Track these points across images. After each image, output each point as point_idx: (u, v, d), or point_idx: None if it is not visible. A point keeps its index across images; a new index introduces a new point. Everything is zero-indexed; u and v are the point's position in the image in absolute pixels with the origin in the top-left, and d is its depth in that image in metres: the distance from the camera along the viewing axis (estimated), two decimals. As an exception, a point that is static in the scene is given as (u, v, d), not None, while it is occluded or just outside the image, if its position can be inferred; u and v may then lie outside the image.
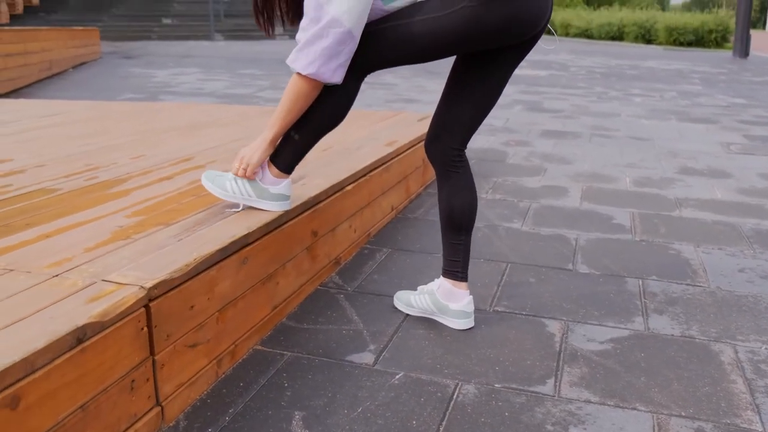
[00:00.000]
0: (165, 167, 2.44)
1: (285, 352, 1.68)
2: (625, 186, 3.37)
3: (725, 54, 14.67)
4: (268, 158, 1.78)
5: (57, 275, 1.37)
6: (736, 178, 3.57)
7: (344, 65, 1.60)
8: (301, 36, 1.59)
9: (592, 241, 2.53)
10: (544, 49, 15.42)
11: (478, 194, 3.17)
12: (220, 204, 1.89)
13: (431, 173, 3.37)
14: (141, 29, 16.52)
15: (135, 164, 2.49)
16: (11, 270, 1.40)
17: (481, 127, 4.89)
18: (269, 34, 1.79)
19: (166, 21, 17.35)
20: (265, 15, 1.75)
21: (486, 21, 1.54)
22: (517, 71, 9.74)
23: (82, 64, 9.57)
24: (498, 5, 1.53)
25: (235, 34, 16.67)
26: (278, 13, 1.75)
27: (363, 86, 7.62)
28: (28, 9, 17.25)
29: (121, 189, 2.11)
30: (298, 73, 1.61)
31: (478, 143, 4.35)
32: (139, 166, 2.47)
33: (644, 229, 2.68)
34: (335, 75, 1.59)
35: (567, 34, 23.05)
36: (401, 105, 6.11)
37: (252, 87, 7.38)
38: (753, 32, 21.05)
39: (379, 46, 1.63)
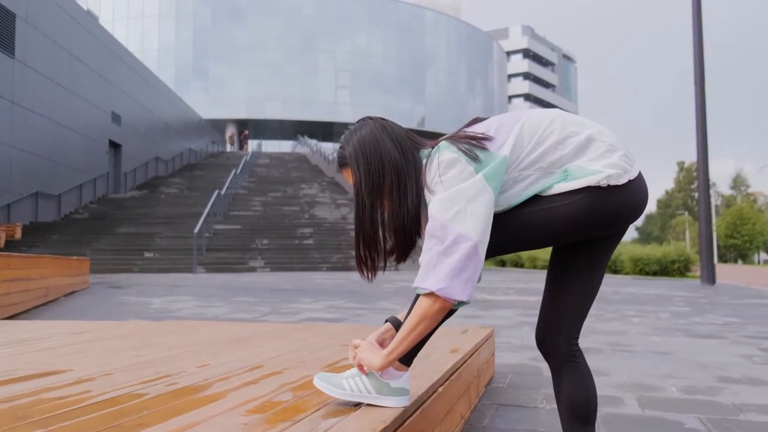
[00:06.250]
0: (241, 374, 2.37)
1: None
2: (674, 394, 3.34)
3: (693, 282, 15.36)
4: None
5: (217, 467, 1.27)
6: (778, 386, 3.58)
7: (472, 281, 1.60)
8: (425, 257, 1.62)
9: (677, 446, 2.45)
10: (525, 278, 15.96)
11: (534, 406, 3.11)
12: (335, 401, 1.82)
13: (483, 383, 3.31)
14: (123, 262, 16.76)
15: (207, 371, 2.42)
16: (162, 463, 1.30)
17: (502, 345, 4.90)
18: (371, 280, 1.81)
19: (149, 255, 17.70)
20: (369, 263, 1.79)
21: (599, 210, 1.65)
22: (508, 297, 9.99)
23: (72, 292, 9.54)
24: (610, 196, 1.64)
25: (216, 267, 16.98)
26: (383, 259, 1.79)
27: (363, 311, 7.69)
28: (10, 243, 17.54)
29: (212, 393, 2.03)
30: (427, 294, 1.61)
31: (506, 359, 4.33)
32: (213, 372, 2.39)
33: (722, 434, 2.62)
34: (465, 291, 1.59)
35: (535, 267, 24.03)
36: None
37: (253, 312, 7.38)
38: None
39: (493, 234, 1.69)
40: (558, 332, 1.79)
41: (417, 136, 1.82)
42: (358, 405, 1.77)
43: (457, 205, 1.60)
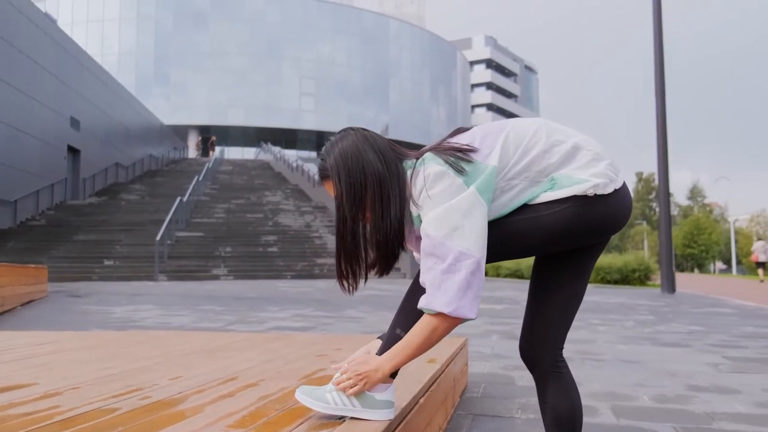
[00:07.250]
0: (215, 386, 2.30)
1: None
2: (647, 403, 3.36)
3: (654, 290, 15.62)
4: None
5: (203, 486, 1.22)
6: (746, 393, 3.63)
7: (478, 296, 1.59)
8: (428, 277, 1.59)
9: (655, 456, 2.45)
10: (490, 286, 16.04)
11: (509, 416, 3.09)
12: (318, 414, 1.77)
13: (458, 393, 3.29)
14: (82, 270, 16.38)
15: (180, 384, 2.34)
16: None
17: (473, 354, 4.89)
18: (352, 294, 1.78)
19: (108, 262, 17.34)
20: (350, 278, 1.75)
21: (586, 219, 1.64)
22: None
23: (30, 302, 9.27)
24: (596, 205, 1.64)
25: (178, 275, 16.70)
26: (364, 272, 1.76)
27: (330, 320, 7.62)
28: (-36, 251, 17.02)
29: (189, 406, 1.96)
30: (435, 314, 1.58)
31: (478, 368, 4.32)
32: (186, 385, 2.32)
33: (697, 443, 2.63)
34: (472, 308, 1.58)
35: (498, 275, 24.19)
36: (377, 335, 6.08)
37: (219, 321, 7.25)
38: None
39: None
40: (543, 343, 1.77)
41: (400, 147, 1.78)
42: (342, 418, 1.73)
43: (453, 221, 1.57)
